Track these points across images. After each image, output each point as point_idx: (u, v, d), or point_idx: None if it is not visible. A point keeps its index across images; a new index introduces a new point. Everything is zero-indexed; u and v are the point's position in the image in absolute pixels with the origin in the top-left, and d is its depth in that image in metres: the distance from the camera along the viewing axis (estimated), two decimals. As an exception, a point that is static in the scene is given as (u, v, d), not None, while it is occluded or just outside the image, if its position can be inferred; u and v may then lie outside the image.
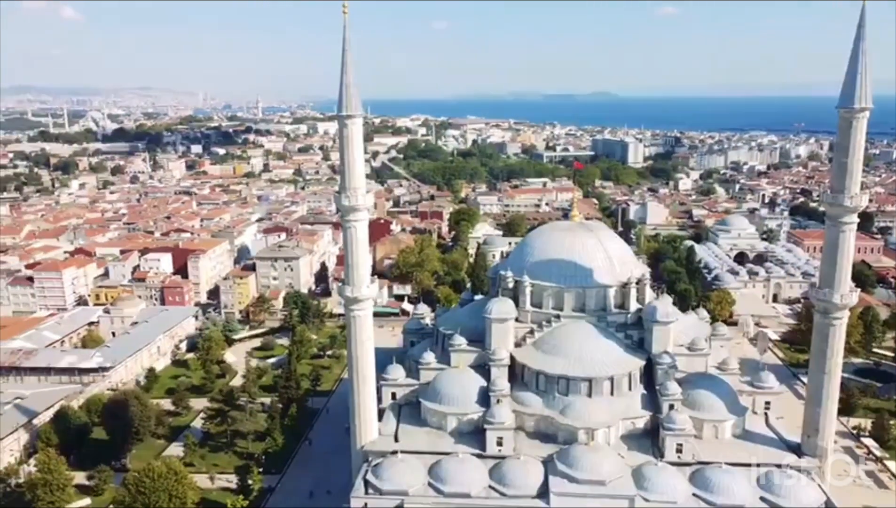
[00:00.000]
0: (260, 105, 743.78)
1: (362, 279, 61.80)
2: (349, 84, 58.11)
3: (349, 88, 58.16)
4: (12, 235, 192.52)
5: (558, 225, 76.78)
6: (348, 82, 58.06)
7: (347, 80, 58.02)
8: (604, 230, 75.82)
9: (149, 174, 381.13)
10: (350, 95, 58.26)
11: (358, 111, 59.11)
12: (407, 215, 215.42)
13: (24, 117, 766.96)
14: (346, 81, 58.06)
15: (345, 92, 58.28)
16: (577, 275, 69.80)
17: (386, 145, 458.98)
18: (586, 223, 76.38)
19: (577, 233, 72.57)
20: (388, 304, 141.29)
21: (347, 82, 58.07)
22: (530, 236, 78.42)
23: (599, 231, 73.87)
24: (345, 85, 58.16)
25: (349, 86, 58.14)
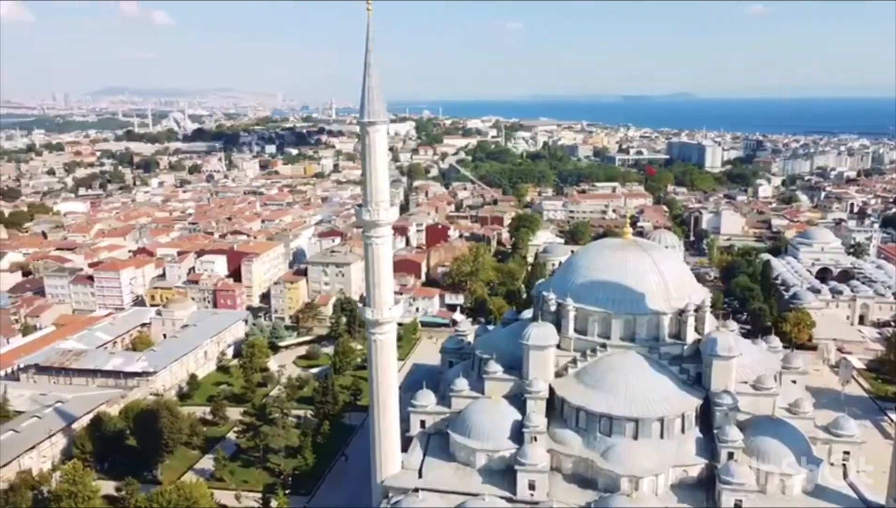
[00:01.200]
0: (334, 106, 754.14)
1: (384, 301, 56.75)
2: (372, 87, 53.17)
3: (372, 91, 53.22)
4: (83, 233, 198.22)
5: (608, 243, 69.67)
6: (371, 86, 53.13)
7: (370, 83, 53.10)
8: (659, 250, 68.17)
9: (223, 173, 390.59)
10: (372, 100, 53.33)
11: (381, 118, 54.13)
12: (467, 219, 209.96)
13: (115, 117, 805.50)
14: (368, 85, 53.15)
15: (367, 96, 53.39)
16: (626, 300, 62.68)
17: (455, 147, 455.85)
18: (640, 242, 68.96)
19: (628, 252, 65.39)
20: (438, 314, 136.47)
21: (370, 86, 53.14)
22: (577, 255, 71.56)
23: (654, 251, 66.34)
24: (367, 88, 53.25)
25: (372, 89, 53.20)
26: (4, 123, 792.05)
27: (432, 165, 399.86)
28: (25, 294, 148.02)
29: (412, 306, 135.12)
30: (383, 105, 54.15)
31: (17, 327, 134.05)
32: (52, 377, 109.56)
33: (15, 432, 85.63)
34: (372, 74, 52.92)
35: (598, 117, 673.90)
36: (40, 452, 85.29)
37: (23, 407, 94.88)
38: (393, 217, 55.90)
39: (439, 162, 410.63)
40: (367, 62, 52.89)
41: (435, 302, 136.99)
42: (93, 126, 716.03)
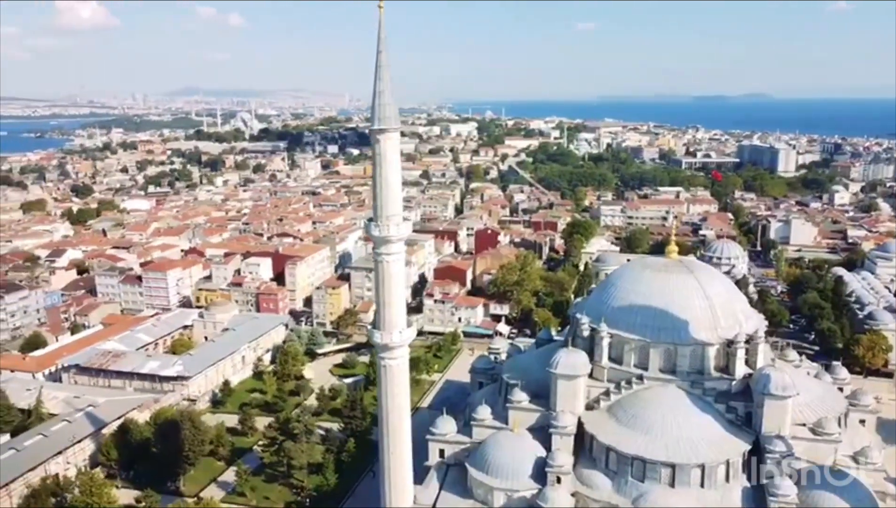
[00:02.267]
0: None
1: (395, 323, 52.29)
2: (382, 91, 48.70)
3: (382, 95, 48.75)
4: (140, 231, 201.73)
5: (650, 262, 63.02)
6: (381, 89, 48.67)
7: (381, 86, 48.63)
8: (707, 271, 61.27)
9: (286, 173, 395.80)
10: (383, 105, 48.87)
11: (393, 124, 49.62)
12: (519, 224, 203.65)
13: (189, 117, 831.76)
14: (378, 88, 48.70)
15: (377, 101, 48.98)
16: (667, 327, 56.33)
17: (516, 148, 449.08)
18: (686, 261, 62.14)
19: (671, 273, 58.90)
20: (482, 324, 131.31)
21: (380, 90, 48.68)
22: (614, 274, 65.31)
23: (701, 272, 59.58)
24: (377, 92, 48.82)
25: (383, 93, 48.72)
26: (87, 121, 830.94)
27: (492, 166, 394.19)
28: (78, 292, 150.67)
29: (454, 315, 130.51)
30: (395, 111, 49.67)
31: (67, 325, 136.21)
32: (92, 377, 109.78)
33: (44, 436, 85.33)
34: (383, 76, 48.46)
35: (666, 118, 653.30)
36: (66, 457, 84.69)
37: (56, 409, 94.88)
38: (405, 233, 51.30)
39: (499, 164, 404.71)
40: (377, 64, 48.46)
41: (478, 312, 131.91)
42: (167, 125, 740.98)
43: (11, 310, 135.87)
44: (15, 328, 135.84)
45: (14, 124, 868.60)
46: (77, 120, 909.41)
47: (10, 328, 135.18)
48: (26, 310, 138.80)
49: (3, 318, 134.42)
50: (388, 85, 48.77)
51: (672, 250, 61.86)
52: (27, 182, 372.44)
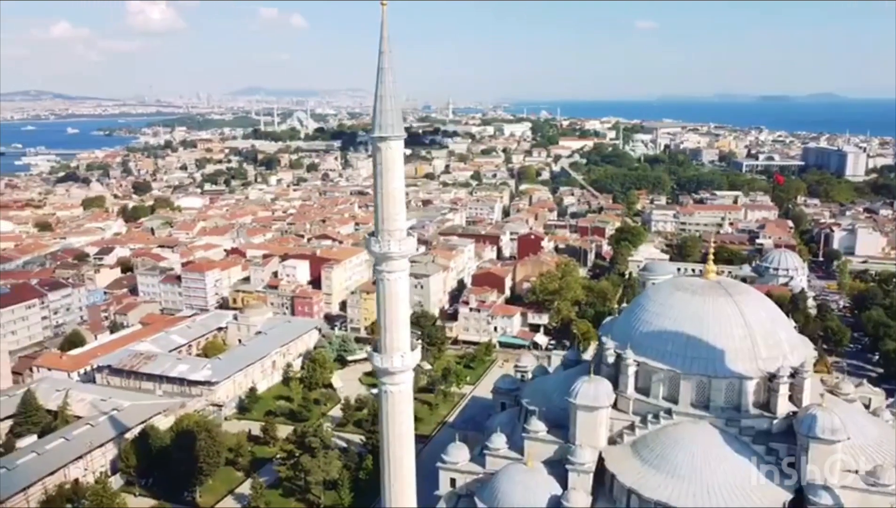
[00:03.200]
0: (451, 106, 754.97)
1: (397, 346, 48.42)
2: (384, 96, 44.88)
3: (384, 101, 44.94)
4: (187, 230, 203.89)
5: (684, 283, 57.22)
6: (383, 94, 44.86)
7: (383, 91, 44.82)
8: (747, 294, 55.17)
9: (338, 172, 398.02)
10: (384, 111, 45.03)
11: (395, 132, 45.68)
12: (565, 229, 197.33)
13: (248, 116, 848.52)
14: (380, 93, 44.93)
15: (378, 106, 45.23)
16: (701, 356, 50.81)
17: (570, 149, 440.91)
18: (725, 283, 56.07)
19: (707, 296, 53.22)
20: (519, 334, 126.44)
21: (382, 94, 44.88)
22: (645, 295, 59.78)
23: (741, 295, 53.68)
24: (379, 98, 45.08)
25: (384, 99, 44.90)
26: (153, 120, 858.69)
27: (544, 167, 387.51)
28: (121, 291, 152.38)
29: (490, 324, 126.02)
30: (399, 117, 45.71)
31: (107, 324, 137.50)
32: (124, 379, 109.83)
33: (66, 440, 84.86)
34: (385, 80, 44.62)
35: (728, 119, 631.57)
36: (87, 462, 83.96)
37: (82, 412, 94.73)
38: (408, 249, 47.36)
39: (552, 165, 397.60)
40: (379, 66, 44.67)
41: (515, 321, 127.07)
42: (228, 124, 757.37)
43: (55, 307, 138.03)
44: (58, 326, 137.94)
45: (85, 123, 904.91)
46: (144, 119, 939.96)
47: (52, 326, 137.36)
48: (69, 308, 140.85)
49: (47, 315, 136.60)
50: (390, 89, 44.93)
51: (710, 269, 56.03)
52: (92, 179, 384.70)
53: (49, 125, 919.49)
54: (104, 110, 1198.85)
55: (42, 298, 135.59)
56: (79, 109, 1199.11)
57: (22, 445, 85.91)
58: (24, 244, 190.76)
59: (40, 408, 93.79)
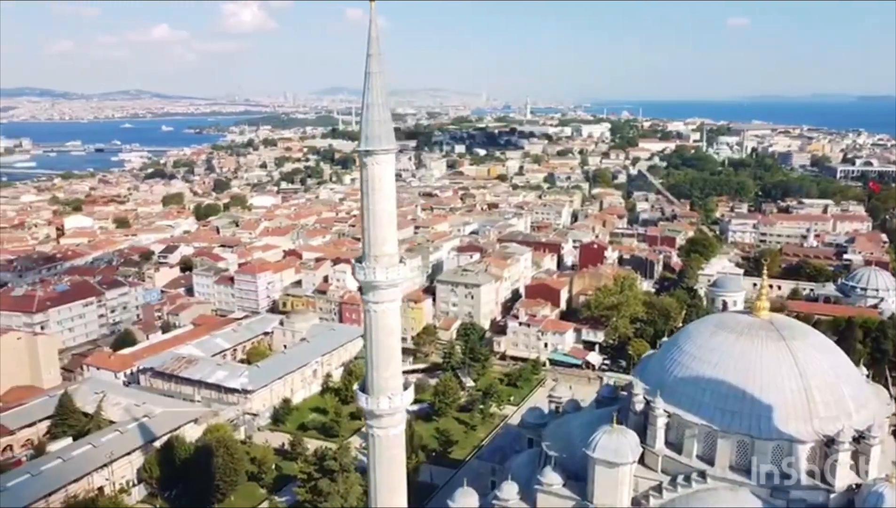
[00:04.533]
0: (528, 106, 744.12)
1: (385, 387, 43.10)
2: (371, 105, 39.55)
3: (371, 110, 39.60)
4: (250, 230, 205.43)
5: (729, 320, 49.01)
6: (370, 102, 39.54)
7: (370, 98, 39.51)
8: (806, 338, 46.55)
9: (411, 172, 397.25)
10: (371, 122, 39.67)
11: (383, 145, 40.24)
12: (633, 238, 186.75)
13: (331, 115, 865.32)
14: (367, 101, 39.64)
15: (364, 116, 39.94)
16: (744, 411, 43.05)
17: (650, 151, 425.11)
18: (779, 323, 47.51)
19: (756, 338, 45.25)
20: (571, 352, 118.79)
21: (369, 102, 39.57)
22: (682, 333, 52.03)
23: (798, 339, 45.34)
24: (365, 106, 39.78)
25: (371, 108, 39.57)
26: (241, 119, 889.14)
27: (621, 170, 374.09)
28: (177, 291, 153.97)
29: (540, 340, 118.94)
30: (388, 128, 40.24)
31: (159, 324, 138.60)
32: (165, 382, 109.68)
33: (93, 446, 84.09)
34: (372, 85, 39.32)
35: (824, 121, 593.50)
36: (111, 470, 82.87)
37: (116, 417, 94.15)
38: (398, 278, 42.01)
39: (629, 167, 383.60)
40: (366, 70, 39.37)
41: (567, 338, 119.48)
42: (310, 123, 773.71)
43: (111, 306, 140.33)
44: (114, 324, 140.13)
45: (179, 121, 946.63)
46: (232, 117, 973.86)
47: (109, 324, 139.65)
48: (126, 306, 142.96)
49: (103, 313, 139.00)
50: (379, 96, 39.57)
51: (762, 306, 47.80)
52: (177, 176, 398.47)
53: (145, 123, 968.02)
54: (196, 109, 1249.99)
55: (99, 296, 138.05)
56: (173, 108, 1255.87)
57: (53, 449, 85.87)
58: (97, 241, 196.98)
59: (77, 411, 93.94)
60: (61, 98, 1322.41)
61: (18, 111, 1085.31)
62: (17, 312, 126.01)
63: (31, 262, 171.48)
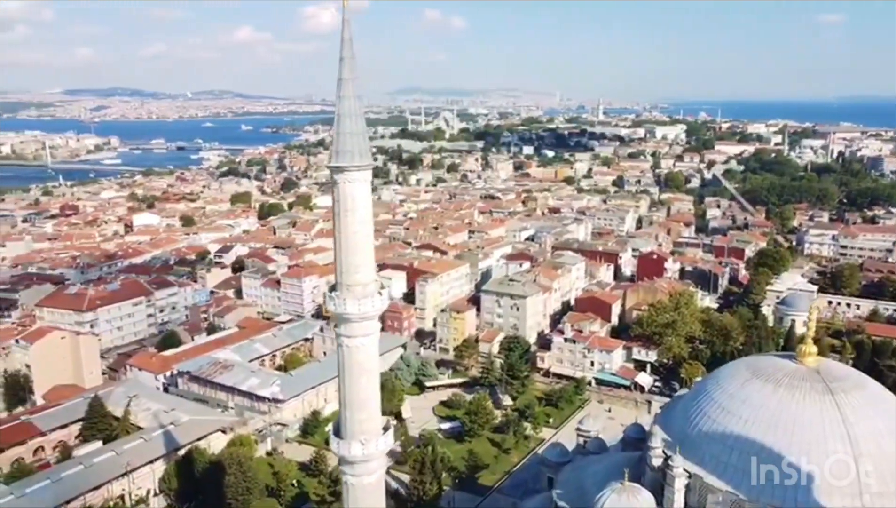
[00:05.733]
0: (601, 107, 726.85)
1: (358, 430, 38.57)
2: (343, 116, 35.16)
3: (343, 121, 35.23)
4: (305, 231, 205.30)
5: (767, 367, 41.68)
6: (342, 113, 35.16)
7: (343, 108, 35.14)
8: (860, 391, 38.91)
9: (477, 173, 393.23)
10: (343, 135, 35.28)
11: (357, 161, 35.76)
12: (698, 248, 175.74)
13: (402, 115, 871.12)
14: (339, 111, 35.28)
15: (337, 128, 35.56)
16: (777, 479, 36.29)
17: (726, 154, 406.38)
18: (828, 372, 39.94)
19: (798, 391, 38.30)
20: (619, 371, 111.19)
21: (341, 112, 35.21)
22: (713, 378, 45.00)
23: (849, 393, 38.03)
24: (338, 117, 35.40)
25: (343, 119, 35.19)
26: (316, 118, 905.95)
27: (694, 174, 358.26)
28: (227, 292, 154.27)
29: (586, 358, 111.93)
30: (363, 142, 35.77)
31: (205, 325, 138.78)
32: (201, 387, 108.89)
33: (115, 453, 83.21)
34: (346, 94, 34.88)
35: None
36: (132, 479, 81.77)
37: (144, 423, 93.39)
38: (372, 310, 37.40)
39: (703, 171, 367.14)
40: (339, 76, 35.01)
41: (616, 356, 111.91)
42: (382, 123, 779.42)
43: (160, 306, 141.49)
44: (163, 324, 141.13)
45: (258, 120, 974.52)
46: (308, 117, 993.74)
47: (157, 324, 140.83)
48: (175, 306, 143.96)
49: (152, 313, 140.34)
50: (352, 105, 35.11)
51: (808, 350, 40.57)
52: (250, 174, 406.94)
53: (226, 122, 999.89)
54: (275, 109, 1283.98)
55: (148, 296, 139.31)
56: (253, 108, 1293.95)
57: (78, 453, 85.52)
58: (157, 239, 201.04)
59: (108, 414, 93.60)
60: (150, 98, 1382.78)
61: (110, 110, 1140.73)
62: (68, 310, 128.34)
63: (94, 259, 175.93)
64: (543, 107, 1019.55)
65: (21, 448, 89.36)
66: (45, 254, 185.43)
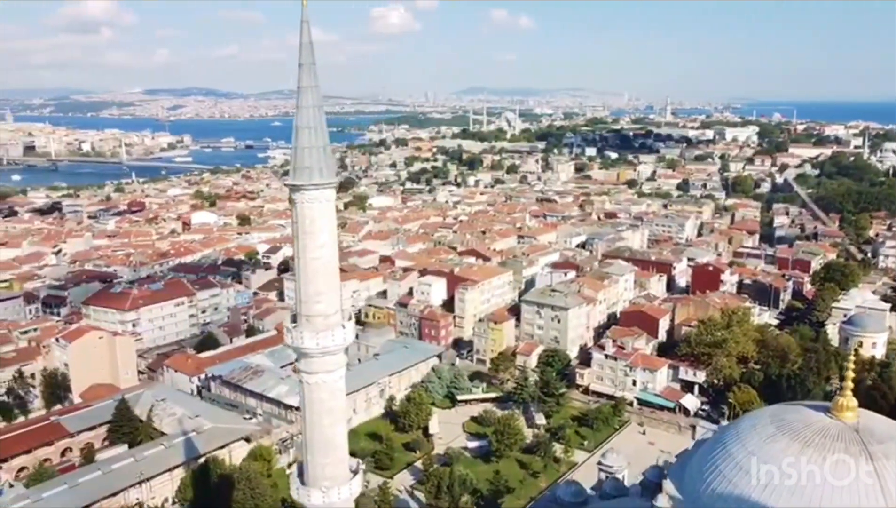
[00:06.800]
0: (668, 107, 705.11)
1: (320, 475, 34.99)
2: (302, 128, 31.55)
3: (302, 135, 31.62)
4: (353, 233, 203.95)
5: (795, 421, 35.51)
6: (301, 125, 31.58)
7: (301, 119, 31.56)
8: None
9: (537, 175, 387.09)
10: (302, 149, 31.70)
11: (317, 178, 32.13)
12: (759, 259, 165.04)
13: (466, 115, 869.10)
14: (297, 122, 31.72)
15: (295, 142, 31.98)
16: (799, 558, 30.79)
17: (800, 158, 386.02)
18: (868, 430, 33.96)
19: (829, 451, 32.42)
20: (664, 392, 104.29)
21: (300, 124, 31.63)
22: (731, 429, 39.23)
23: (890, 459, 32.06)
24: (296, 130, 31.84)
25: (302, 132, 31.58)
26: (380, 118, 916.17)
27: (765, 178, 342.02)
28: (269, 294, 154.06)
29: (628, 376, 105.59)
30: (324, 157, 32.14)
31: (244, 327, 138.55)
32: (232, 392, 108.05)
33: (135, 460, 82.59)
34: (305, 103, 31.28)
35: None
36: (150, 486, 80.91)
37: (169, 428, 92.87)
38: (334, 345, 33.99)
39: (775, 175, 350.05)
40: (299, 84, 31.47)
41: (660, 375, 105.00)
42: (446, 123, 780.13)
43: (202, 306, 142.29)
44: (204, 324, 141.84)
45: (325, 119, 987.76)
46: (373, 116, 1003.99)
47: (199, 324, 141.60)
48: (217, 307, 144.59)
49: (194, 313, 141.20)
50: (312, 117, 31.49)
51: (845, 404, 34.55)
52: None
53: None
54: (342, 108, 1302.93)
55: (191, 296, 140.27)
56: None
57: (101, 458, 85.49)
58: (210, 238, 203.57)
59: (134, 418, 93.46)
60: (223, 98, 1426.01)
61: (185, 110, 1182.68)
62: (111, 309, 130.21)
63: (146, 257, 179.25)
64: (611, 107, 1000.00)
65: (50, 449, 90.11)
66: (103, 251, 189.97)
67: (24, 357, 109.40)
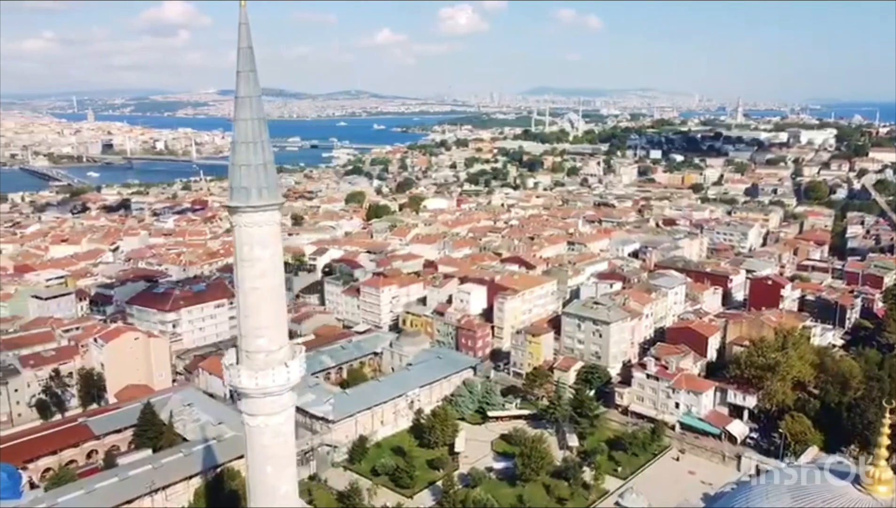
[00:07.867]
0: (740, 108, 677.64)
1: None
2: (241, 143, 28.38)
3: (240, 149, 28.43)
4: (400, 236, 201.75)
5: (815, 494, 29.66)
6: (239, 138, 28.42)
7: (241, 133, 28.40)
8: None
9: (598, 178, 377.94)
10: (239, 166, 28.44)
11: (256, 199, 28.84)
12: (826, 273, 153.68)
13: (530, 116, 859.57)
14: (236, 136, 28.56)
15: (233, 158, 28.79)
16: None
17: (882, 162, 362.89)
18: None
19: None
20: (709, 416, 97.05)
21: (237, 139, 28.53)
22: (740, 494, 33.71)
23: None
24: (234, 145, 28.69)
25: (240, 148, 28.36)
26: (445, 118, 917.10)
27: (841, 184, 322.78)
28: (310, 297, 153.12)
29: (670, 398, 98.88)
30: (265, 177, 28.70)
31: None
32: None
33: (153, 467, 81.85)
34: (243, 115, 28.02)
35: None
36: (166, 495, 79.98)
37: (191, 434, 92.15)
38: (273, 384, 30.42)
39: (852, 181, 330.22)
40: (237, 92, 28.33)
41: (706, 398, 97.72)
42: (509, 123, 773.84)
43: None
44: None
45: (390, 119, 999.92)
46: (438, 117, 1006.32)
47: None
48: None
49: (234, 315, 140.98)
50: (251, 131, 28.19)
51: (880, 475, 28.84)
52: (373, 173, 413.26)
53: (360, 121, 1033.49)
54: (407, 108, 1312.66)
55: (231, 298, 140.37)
56: (386, 108, 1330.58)
57: (123, 462, 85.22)
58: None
59: (158, 423, 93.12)
60: (293, 98, 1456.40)
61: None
62: (153, 309, 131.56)
63: (196, 257, 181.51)
64: (680, 108, 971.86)
65: (75, 451, 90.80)
66: (157, 250, 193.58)
67: (63, 356, 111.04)
